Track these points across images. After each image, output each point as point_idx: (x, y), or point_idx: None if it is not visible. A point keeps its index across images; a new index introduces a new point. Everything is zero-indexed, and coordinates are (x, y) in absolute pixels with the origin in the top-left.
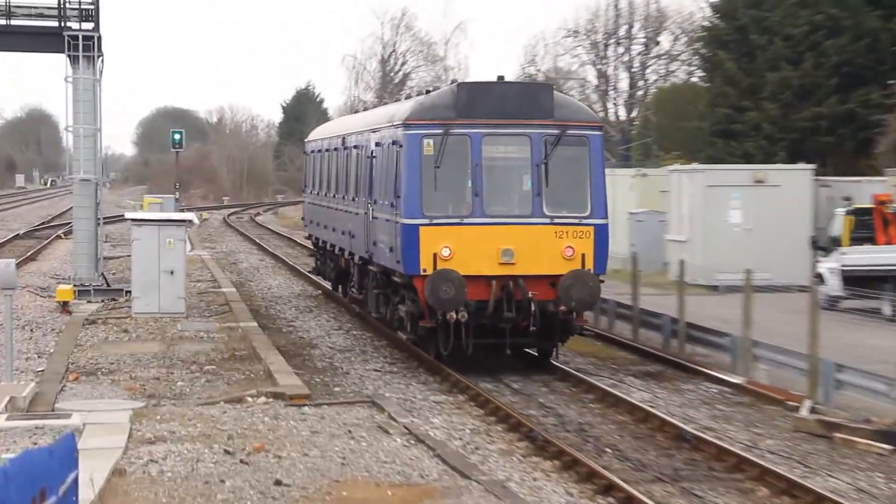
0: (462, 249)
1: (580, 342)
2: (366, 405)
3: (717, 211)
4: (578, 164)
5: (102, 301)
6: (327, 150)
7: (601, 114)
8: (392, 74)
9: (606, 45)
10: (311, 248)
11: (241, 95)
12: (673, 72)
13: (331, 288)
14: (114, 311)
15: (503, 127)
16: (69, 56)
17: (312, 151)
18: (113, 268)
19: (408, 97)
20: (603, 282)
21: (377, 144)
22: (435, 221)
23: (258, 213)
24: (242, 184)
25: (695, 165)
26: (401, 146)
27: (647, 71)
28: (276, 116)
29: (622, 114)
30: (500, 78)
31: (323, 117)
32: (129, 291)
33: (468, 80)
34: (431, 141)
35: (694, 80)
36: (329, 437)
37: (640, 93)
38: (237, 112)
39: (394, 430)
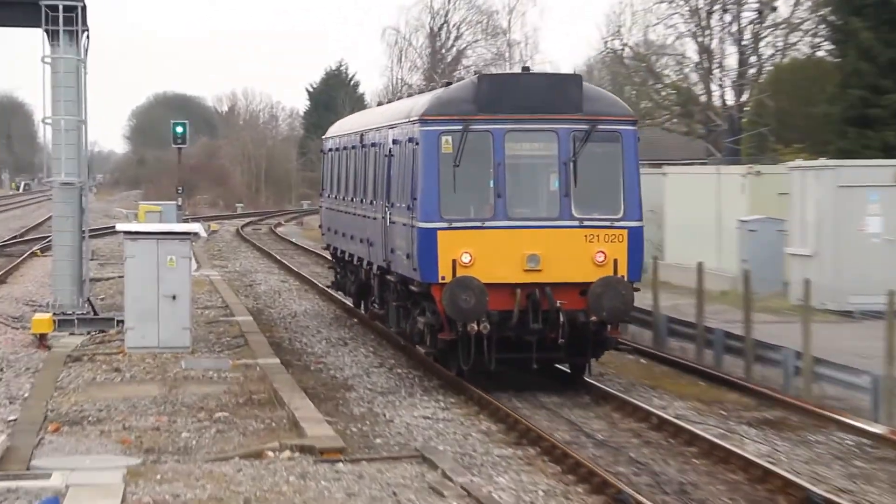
0: (483, 255)
1: (679, 382)
2: (414, 461)
3: (850, 218)
4: (610, 161)
5: (89, 333)
6: (345, 149)
7: (703, 97)
8: (443, 51)
9: (710, 13)
10: (331, 259)
11: (257, 79)
12: (794, 44)
13: (352, 304)
14: (102, 345)
15: (528, 122)
16: (47, 31)
17: (330, 150)
18: (101, 292)
19: (447, 84)
20: (638, 290)
21: (394, 142)
22: (454, 225)
23: (279, 224)
24: (260, 187)
25: (822, 161)
26: (417, 144)
27: (761, 44)
28: (301, 104)
29: (730, 98)
30: (526, 69)
31: (359, 104)
32: (122, 321)
33: (490, 71)
34: (450, 138)
35: (820, 54)
36: (369, 500)
37: (751, 71)
38: (253, 99)
39: (449, 491)
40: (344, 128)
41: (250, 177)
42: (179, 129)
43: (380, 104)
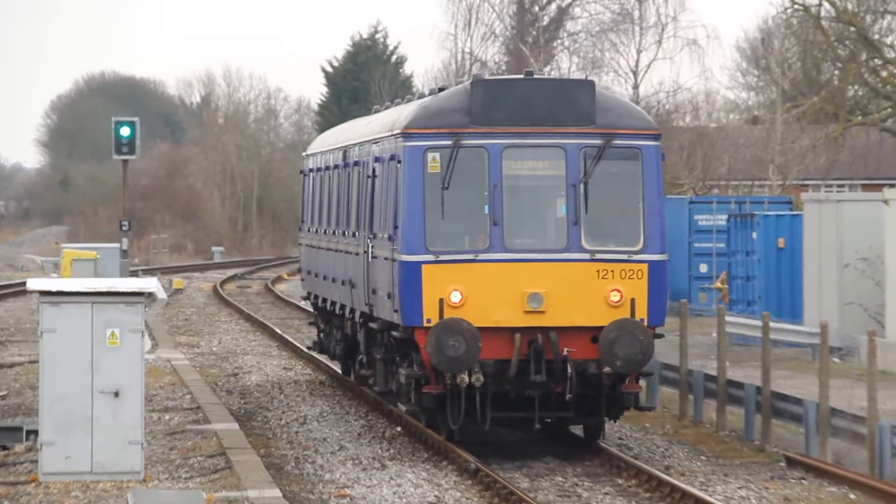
0: (477, 294)
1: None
2: None
3: None
4: (628, 183)
5: None
6: (327, 169)
7: None
8: (536, 8)
9: None
10: (312, 312)
11: (246, 52)
12: None
13: (341, 371)
14: (2, 470)
15: (530, 136)
16: None
17: (311, 171)
18: (3, 384)
19: (440, 90)
20: (660, 336)
21: (377, 160)
22: (442, 258)
23: (279, 278)
24: (250, 221)
25: None
26: (400, 162)
27: None
28: (315, 91)
29: None
30: (528, 74)
31: (403, 88)
32: (34, 432)
33: (486, 76)
34: (438, 155)
35: None
36: None
37: None
38: (240, 84)
39: None
40: (327, 142)
41: (235, 205)
42: (125, 132)
43: (374, 109)
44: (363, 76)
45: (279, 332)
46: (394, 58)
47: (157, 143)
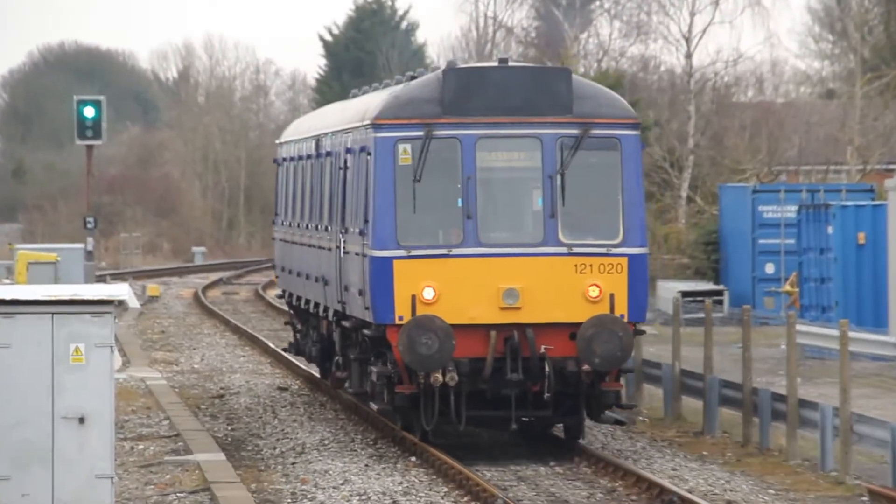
0: (450, 290)
1: None
2: None
3: None
4: (606, 174)
5: None
6: (300, 158)
7: None
8: None
9: None
10: (288, 311)
11: (230, 19)
12: None
13: (319, 375)
14: None
15: (505, 126)
16: None
17: (284, 160)
18: None
19: (412, 78)
20: (641, 332)
21: (348, 151)
22: (414, 253)
23: (270, 282)
24: (236, 216)
25: None
26: (370, 154)
27: None
28: (312, 64)
29: None
30: (503, 62)
31: (415, 59)
32: None
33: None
34: (409, 146)
35: None
36: None
37: None
38: (223, 56)
39: None
40: (301, 130)
41: (219, 198)
42: (89, 112)
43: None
44: (368, 46)
45: (272, 346)
46: (404, 24)
47: (127, 125)
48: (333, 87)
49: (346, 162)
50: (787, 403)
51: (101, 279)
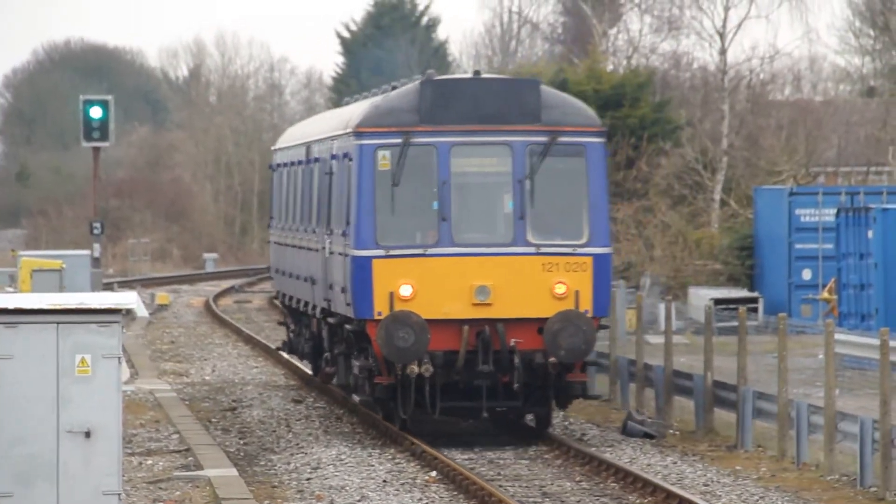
0: (426, 287)
1: None
2: None
3: None
4: (572, 179)
5: None
6: (293, 164)
7: None
8: None
9: None
10: (282, 311)
11: (243, 15)
12: None
13: (312, 372)
14: None
15: (477, 134)
16: None
17: (279, 166)
18: None
19: (393, 88)
20: (605, 327)
21: (333, 157)
22: (392, 253)
23: None
24: (249, 221)
25: None
26: (352, 160)
27: None
28: (329, 62)
29: None
30: (476, 73)
31: (436, 57)
32: None
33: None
34: (388, 153)
35: None
36: None
37: None
38: (236, 54)
39: None
40: (294, 137)
41: (231, 202)
42: (96, 113)
43: (342, 103)
44: (387, 43)
45: (286, 356)
46: (424, 20)
47: (136, 126)
48: (351, 85)
49: (331, 167)
50: (825, 416)
51: (108, 287)
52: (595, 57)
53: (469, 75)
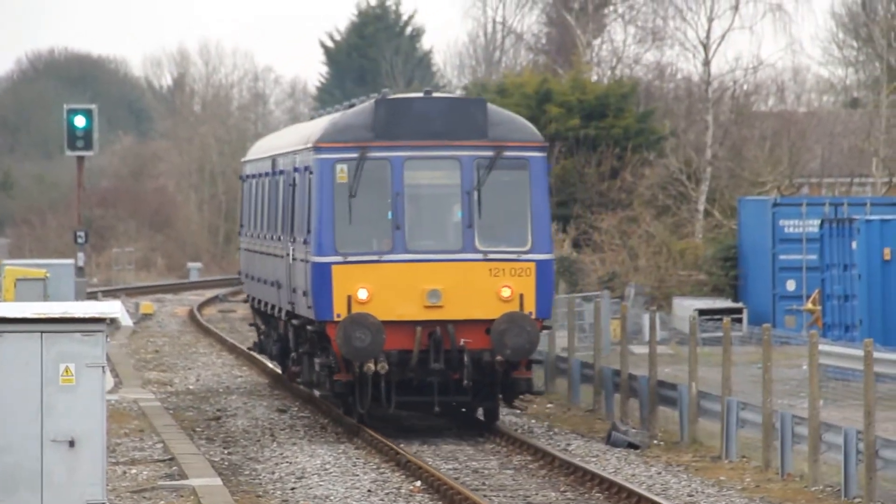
0: (382, 291)
1: None
2: None
3: None
4: (517, 190)
5: None
6: (260, 176)
7: None
8: None
9: None
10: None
11: (227, 25)
12: None
13: (281, 371)
14: None
15: (429, 149)
16: None
17: (248, 177)
18: None
19: (350, 106)
20: (547, 328)
21: (296, 170)
22: (350, 259)
23: None
24: (233, 230)
25: None
26: (312, 173)
27: None
28: (314, 71)
29: None
30: (427, 92)
31: (421, 66)
32: None
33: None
34: (346, 166)
35: None
36: None
37: None
38: (220, 63)
39: None
40: (262, 150)
41: (216, 212)
42: (80, 122)
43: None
44: (371, 52)
45: (271, 366)
46: (409, 30)
47: (120, 135)
48: (335, 94)
49: (294, 179)
50: (809, 426)
51: (92, 296)
52: (579, 67)
53: (420, 94)
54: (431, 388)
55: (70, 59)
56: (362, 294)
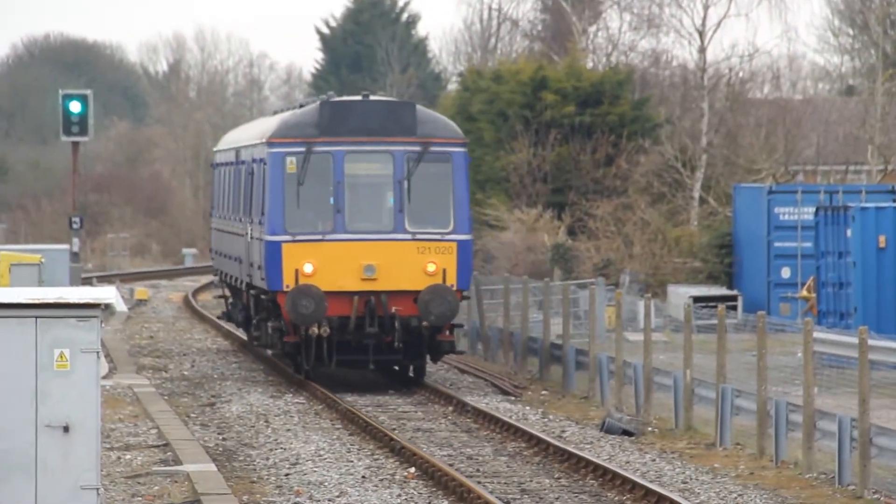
0: (324, 265)
1: None
2: None
3: None
4: (441, 180)
5: None
6: (227, 164)
7: None
8: None
9: None
10: (222, 289)
11: (223, 10)
12: None
13: (246, 338)
14: None
15: (366, 144)
16: None
17: (218, 165)
18: None
19: (301, 106)
20: (466, 297)
21: (254, 161)
22: (298, 238)
23: None
24: None
25: None
26: (265, 164)
27: None
28: (308, 57)
29: None
30: (365, 96)
31: (416, 53)
32: None
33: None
34: (295, 159)
35: None
36: None
37: None
38: (215, 49)
39: None
40: (229, 141)
41: (210, 197)
42: (75, 107)
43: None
44: (367, 39)
45: (266, 352)
46: (404, 16)
47: (115, 121)
48: (331, 81)
49: (252, 169)
50: (804, 414)
51: (87, 282)
52: (575, 54)
53: (359, 98)
54: (367, 348)
55: (66, 45)
56: (308, 268)
